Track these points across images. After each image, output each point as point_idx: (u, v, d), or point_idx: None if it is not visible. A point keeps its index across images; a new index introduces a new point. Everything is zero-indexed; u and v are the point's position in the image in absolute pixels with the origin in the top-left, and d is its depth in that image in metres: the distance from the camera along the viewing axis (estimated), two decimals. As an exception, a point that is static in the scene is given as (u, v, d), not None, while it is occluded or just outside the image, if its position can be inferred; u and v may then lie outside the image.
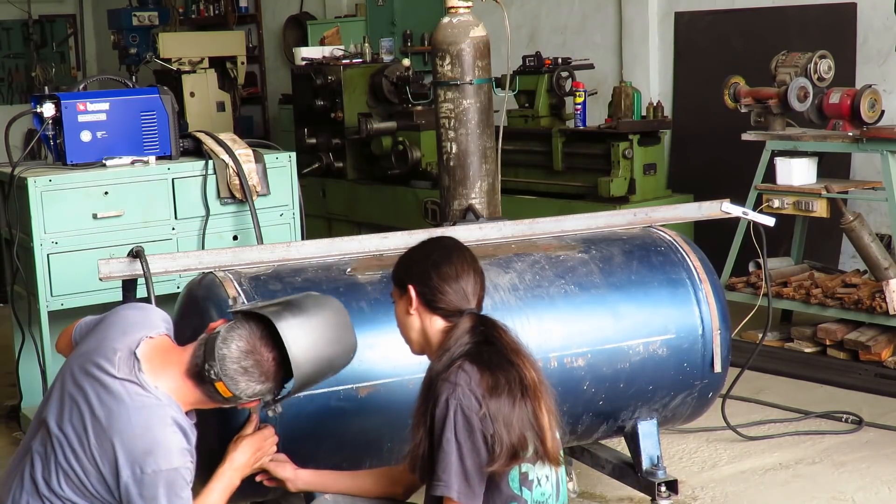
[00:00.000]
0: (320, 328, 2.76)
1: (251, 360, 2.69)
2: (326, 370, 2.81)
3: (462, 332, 2.73)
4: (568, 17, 8.90)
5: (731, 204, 4.32)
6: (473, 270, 2.83)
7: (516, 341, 2.78)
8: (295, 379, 2.72)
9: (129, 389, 2.66)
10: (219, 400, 2.74)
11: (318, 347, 2.73)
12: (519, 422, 2.62)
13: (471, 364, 2.64)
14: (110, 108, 4.69)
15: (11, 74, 14.84)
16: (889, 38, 6.81)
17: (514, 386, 2.65)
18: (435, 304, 2.79)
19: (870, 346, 5.79)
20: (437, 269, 2.79)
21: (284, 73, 11.16)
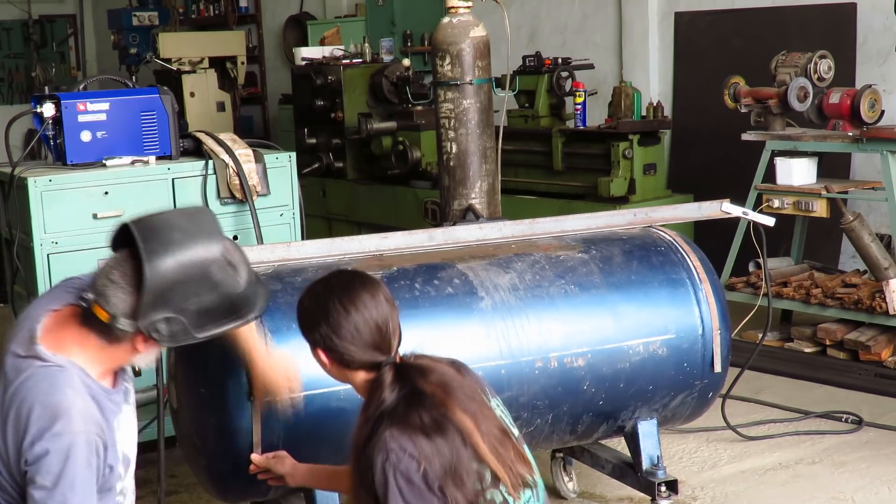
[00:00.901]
0: (175, 218, 2.60)
1: (117, 272, 2.53)
2: (196, 263, 2.54)
3: (381, 392, 2.54)
4: (568, 17, 8.90)
5: (731, 204, 4.32)
6: (378, 314, 2.61)
7: (443, 380, 2.57)
8: (153, 273, 2.48)
9: (27, 364, 2.54)
10: (105, 334, 2.55)
11: (174, 238, 2.52)
12: (464, 466, 2.46)
13: (396, 427, 2.46)
14: (110, 108, 4.69)
15: (11, 74, 14.84)
16: (889, 38, 6.81)
17: (449, 433, 2.47)
18: (348, 364, 2.64)
19: (870, 346, 5.80)
20: (336, 331, 2.61)
21: (284, 73, 11.16)
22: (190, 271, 2.52)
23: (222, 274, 2.58)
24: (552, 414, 3.68)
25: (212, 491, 3.59)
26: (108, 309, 2.51)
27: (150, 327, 2.52)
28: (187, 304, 2.54)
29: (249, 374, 3.15)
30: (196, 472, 3.68)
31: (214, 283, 2.56)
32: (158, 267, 2.49)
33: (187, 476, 4.49)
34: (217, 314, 2.59)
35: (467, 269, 3.69)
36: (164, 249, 2.50)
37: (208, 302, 2.57)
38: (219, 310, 2.59)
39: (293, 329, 3.26)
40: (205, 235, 2.58)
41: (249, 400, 3.23)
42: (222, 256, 2.58)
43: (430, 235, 3.96)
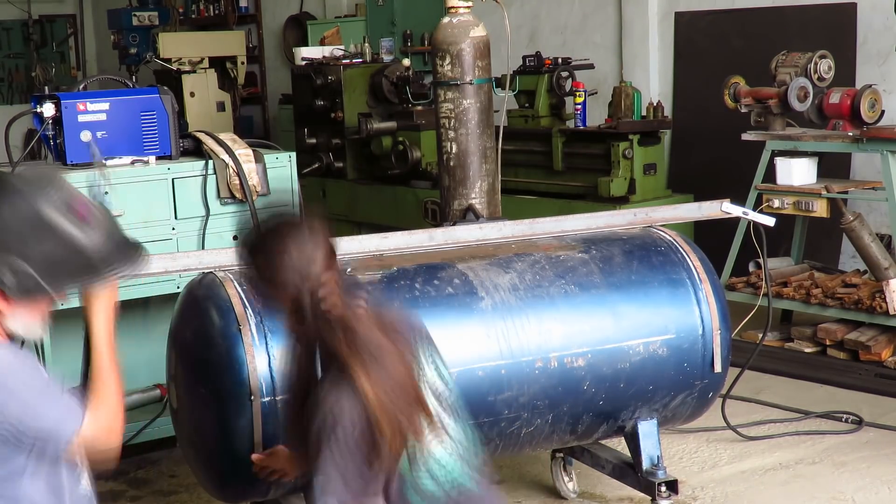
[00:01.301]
0: (24, 172, 2.64)
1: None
2: (31, 206, 2.48)
3: None
4: (568, 17, 8.90)
5: (731, 204, 4.32)
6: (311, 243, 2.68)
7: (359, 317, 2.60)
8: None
9: None
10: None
11: (12, 183, 2.49)
12: None
13: None
14: (110, 108, 4.69)
15: (11, 74, 14.84)
16: (889, 38, 6.81)
17: None
18: None
19: (870, 346, 5.79)
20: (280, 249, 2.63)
21: (284, 73, 11.15)
22: (21, 212, 2.47)
23: (63, 220, 2.51)
24: (552, 414, 3.68)
25: (212, 491, 3.59)
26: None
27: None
28: (28, 251, 2.47)
29: None
30: (196, 472, 3.67)
31: (52, 228, 2.49)
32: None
33: (187, 476, 4.49)
34: (69, 266, 2.52)
35: (467, 269, 3.69)
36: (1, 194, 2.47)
37: (55, 252, 2.50)
38: (70, 262, 2.52)
39: (293, 329, 3.27)
40: (43, 182, 2.53)
41: (249, 400, 3.23)
42: (59, 201, 2.51)
43: (430, 235, 3.96)
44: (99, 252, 2.55)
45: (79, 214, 2.54)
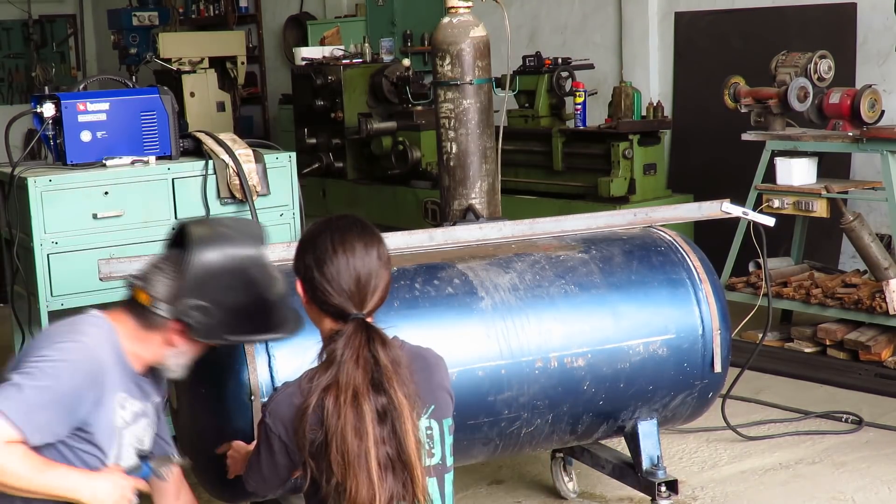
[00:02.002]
0: (228, 220, 2.86)
1: (165, 262, 2.70)
2: (238, 258, 2.67)
3: (336, 341, 2.49)
4: (568, 17, 8.90)
5: (731, 204, 4.32)
6: (363, 265, 2.53)
7: (397, 360, 2.51)
8: (197, 259, 2.62)
9: (67, 318, 2.69)
10: (144, 320, 2.65)
11: (222, 232, 2.70)
12: None
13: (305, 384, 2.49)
14: (110, 108, 4.68)
15: (11, 74, 14.85)
16: (889, 38, 6.81)
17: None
18: (320, 304, 2.56)
19: (870, 346, 5.79)
20: (318, 266, 2.53)
21: (284, 73, 11.16)
22: (231, 265, 2.67)
23: (260, 275, 2.72)
24: (552, 414, 3.68)
25: (212, 491, 3.59)
26: (150, 292, 2.64)
27: (186, 313, 2.62)
28: (223, 298, 2.65)
29: None
30: (196, 472, 3.67)
31: (251, 282, 2.69)
32: (203, 254, 2.64)
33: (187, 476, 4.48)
34: (250, 318, 2.70)
35: (467, 269, 3.69)
36: (210, 241, 2.67)
37: (243, 302, 2.69)
38: (252, 314, 2.71)
39: (293, 329, 3.27)
40: (251, 236, 2.76)
41: (249, 400, 3.23)
42: (263, 260, 2.73)
43: (430, 235, 3.96)
44: (274, 312, 2.77)
45: (271, 276, 2.77)
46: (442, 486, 2.63)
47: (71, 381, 2.51)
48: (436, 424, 2.62)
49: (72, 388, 2.51)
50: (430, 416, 2.61)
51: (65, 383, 2.49)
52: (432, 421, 2.61)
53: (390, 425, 2.44)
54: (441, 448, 2.63)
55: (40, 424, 2.47)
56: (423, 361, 2.66)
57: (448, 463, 2.65)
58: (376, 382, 2.45)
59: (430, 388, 2.62)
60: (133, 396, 2.70)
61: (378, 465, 2.41)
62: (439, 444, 2.62)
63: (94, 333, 2.61)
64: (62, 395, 2.49)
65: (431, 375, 2.66)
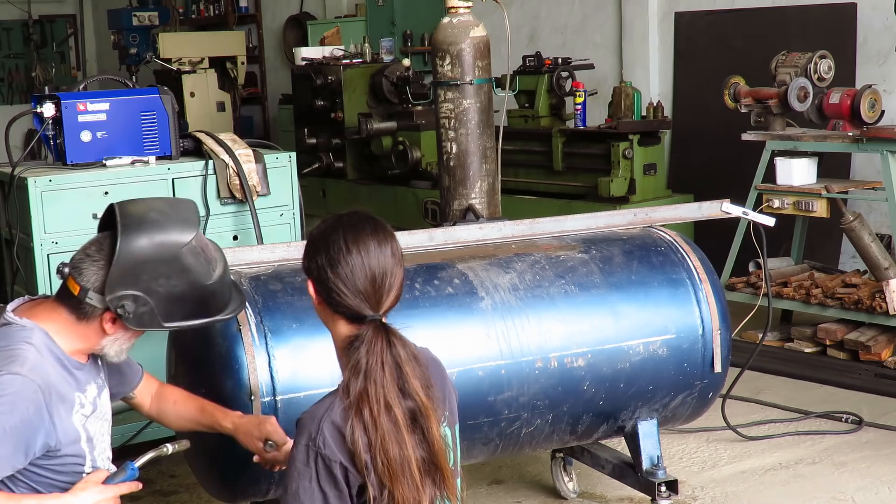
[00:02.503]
0: (157, 203, 2.67)
1: (94, 247, 2.58)
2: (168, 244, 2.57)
3: (358, 348, 2.39)
4: (568, 17, 8.91)
5: (731, 204, 4.32)
6: (378, 264, 2.44)
7: (416, 357, 2.45)
8: (125, 248, 2.51)
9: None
10: (76, 310, 2.56)
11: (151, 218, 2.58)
12: None
13: (341, 411, 2.37)
14: (110, 108, 4.68)
15: (11, 74, 14.85)
16: (889, 38, 6.81)
17: None
18: (334, 305, 2.45)
19: (870, 346, 5.79)
20: (332, 265, 2.42)
21: (284, 73, 11.16)
22: (161, 251, 2.55)
23: (193, 261, 2.60)
24: (552, 414, 3.68)
25: (211, 490, 3.59)
26: (80, 282, 2.55)
27: (117, 303, 2.53)
28: (156, 286, 2.55)
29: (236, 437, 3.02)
30: (196, 472, 3.68)
31: (184, 268, 2.58)
32: (131, 242, 2.53)
33: (187, 476, 4.49)
34: (186, 304, 2.60)
35: (467, 269, 3.69)
36: (139, 227, 2.55)
37: (178, 288, 2.58)
38: (188, 299, 2.60)
39: (293, 329, 3.28)
40: (181, 221, 2.62)
41: (250, 400, 3.23)
42: (195, 244, 2.60)
43: (430, 235, 3.96)
44: (215, 295, 2.66)
45: (207, 256, 2.64)
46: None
47: (14, 415, 2.43)
48: (449, 431, 2.58)
49: (18, 421, 2.43)
50: (447, 423, 2.56)
51: (8, 419, 2.42)
52: (447, 428, 2.56)
53: (420, 428, 2.38)
54: (454, 454, 2.58)
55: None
56: (437, 367, 2.61)
57: (458, 467, 2.61)
58: (402, 387, 2.39)
59: (444, 393, 2.58)
60: (85, 389, 2.65)
61: (419, 470, 2.36)
62: (451, 451, 2.58)
63: (28, 355, 2.50)
64: (10, 430, 2.42)
65: (445, 381, 2.61)
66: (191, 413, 3.04)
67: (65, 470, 2.59)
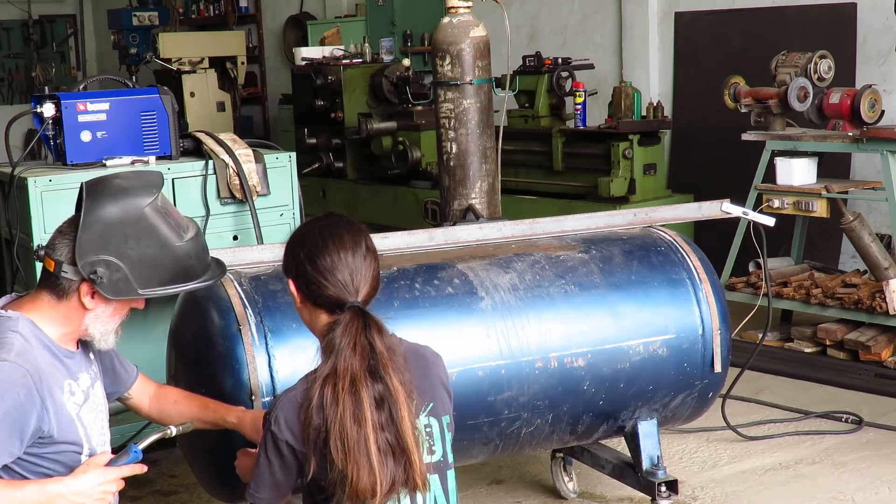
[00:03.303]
0: (123, 173, 2.71)
1: (66, 224, 2.62)
2: (133, 205, 2.60)
3: (335, 331, 2.49)
4: (568, 17, 8.91)
5: (731, 204, 4.32)
6: (355, 255, 2.57)
7: (393, 346, 2.54)
8: (90, 212, 2.55)
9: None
10: (55, 290, 2.58)
11: (115, 183, 2.62)
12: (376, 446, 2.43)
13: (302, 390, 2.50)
14: (110, 108, 4.68)
15: (11, 74, 14.85)
16: (889, 38, 6.81)
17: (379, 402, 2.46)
18: (315, 299, 2.58)
19: (870, 346, 5.79)
20: (311, 260, 2.56)
21: (284, 73, 11.16)
22: (126, 212, 2.57)
23: (160, 221, 2.61)
24: (552, 414, 3.68)
25: (212, 491, 3.59)
26: (53, 256, 2.57)
27: (89, 269, 2.54)
28: (126, 249, 2.56)
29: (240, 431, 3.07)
30: (196, 472, 3.67)
31: (151, 228, 2.59)
32: (96, 207, 2.56)
33: (187, 476, 4.49)
34: (160, 269, 2.61)
35: (467, 269, 3.69)
36: (103, 192, 2.59)
37: (149, 250, 2.59)
38: (161, 264, 2.61)
39: (293, 329, 3.28)
40: (145, 184, 2.65)
41: (250, 400, 3.23)
42: (160, 203, 2.62)
43: (430, 235, 3.96)
44: (189, 260, 2.66)
45: (175, 220, 2.65)
46: (445, 483, 2.64)
47: (5, 401, 2.43)
48: (435, 422, 2.63)
49: (10, 406, 2.44)
50: (430, 413, 2.61)
51: (1, 406, 2.43)
52: (431, 418, 2.62)
53: (387, 411, 2.45)
54: (442, 445, 2.63)
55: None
56: (421, 359, 2.67)
57: (449, 459, 2.65)
58: (373, 369, 2.47)
59: (428, 384, 2.63)
60: (77, 377, 2.65)
61: (378, 451, 2.42)
62: (440, 441, 2.63)
63: (14, 342, 2.51)
64: (2, 416, 2.43)
65: (429, 372, 2.67)
66: (193, 411, 3.04)
67: (61, 459, 2.59)
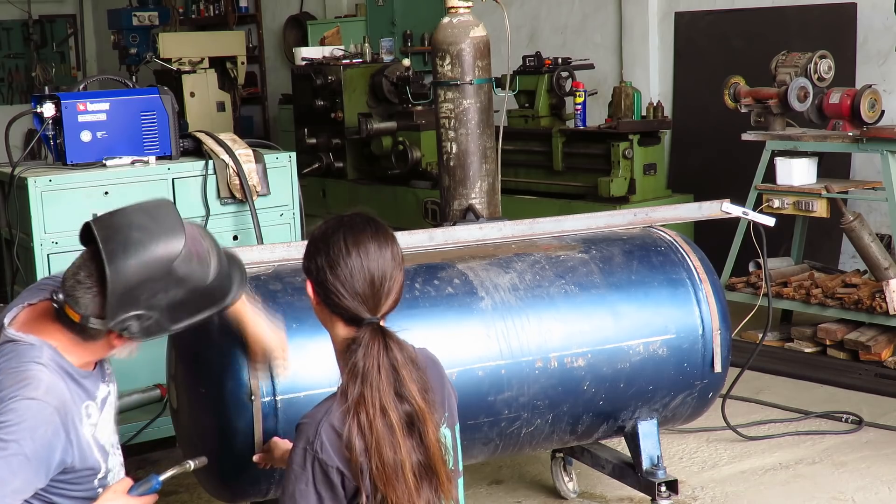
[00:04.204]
0: (135, 215, 2.57)
1: (83, 272, 2.51)
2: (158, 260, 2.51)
3: (355, 352, 2.39)
4: (568, 17, 8.91)
5: (731, 204, 4.32)
6: (378, 266, 2.44)
7: (413, 360, 2.45)
8: (115, 276, 2.45)
9: (2, 347, 2.55)
10: (80, 332, 2.54)
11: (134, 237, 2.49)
12: None
13: (338, 415, 2.38)
14: (110, 108, 4.68)
15: (11, 74, 14.85)
16: (889, 38, 6.81)
17: None
18: (332, 307, 2.46)
19: (870, 346, 5.79)
20: (331, 267, 2.42)
21: (284, 73, 11.16)
22: (153, 270, 2.49)
23: (187, 268, 2.54)
24: (552, 414, 3.68)
25: (212, 491, 3.59)
26: (77, 310, 2.50)
27: (121, 326, 2.50)
28: (156, 301, 2.51)
29: (245, 340, 3.07)
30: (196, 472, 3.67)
31: (180, 279, 2.53)
32: (119, 269, 2.46)
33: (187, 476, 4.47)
34: (190, 306, 2.58)
35: (467, 269, 3.69)
36: (124, 251, 2.47)
37: (178, 296, 2.54)
38: (191, 302, 2.57)
39: (293, 329, 3.27)
40: (165, 232, 2.53)
41: (250, 400, 3.23)
42: (185, 251, 2.53)
43: (430, 235, 3.96)
44: (215, 285, 2.62)
45: (200, 257, 2.58)
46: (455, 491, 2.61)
47: (35, 440, 2.42)
48: (449, 432, 2.58)
49: (39, 445, 2.43)
50: (446, 424, 2.56)
51: (29, 445, 2.41)
52: (446, 429, 2.57)
53: (417, 433, 2.39)
54: (454, 454, 2.59)
55: (17, 489, 2.41)
56: (435, 366, 2.61)
57: (460, 468, 2.62)
58: (398, 391, 2.39)
59: (444, 394, 2.58)
60: (94, 395, 2.65)
61: (414, 476, 2.36)
62: (451, 451, 2.58)
63: (42, 378, 2.48)
64: (31, 456, 2.41)
65: (443, 380, 2.61)
66: None
67: (80, 481, 2.59)
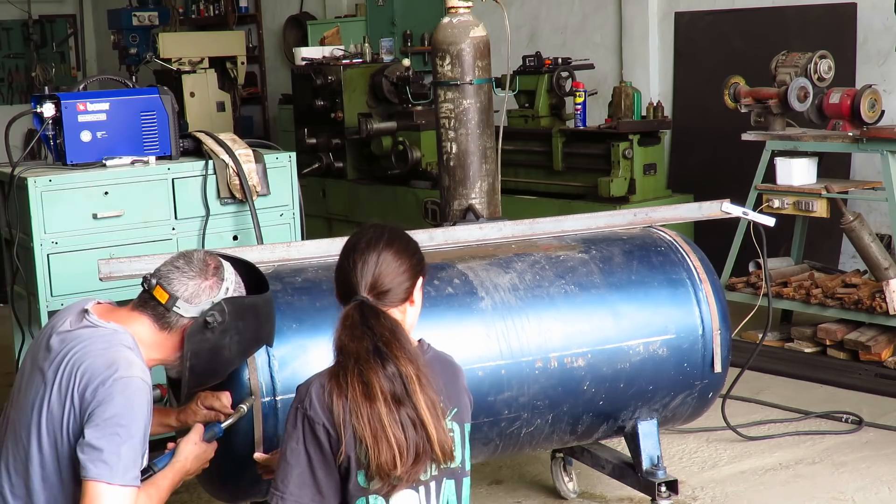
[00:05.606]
0: None
1: (182, 260, 2.77)
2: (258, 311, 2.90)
3: (338, 327, 2.57)
4: (568, 17, 8.91)
5: (731, 204, 4.32)
6: (390, 267, 2.61)
7: (393, 329, 2.56)
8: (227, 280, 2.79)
9: (78, 333, 2.69)
10: (158, 317, 2.73)
11: None
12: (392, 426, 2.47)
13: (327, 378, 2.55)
14: (110, 108, 4.68)
15: (11, 74, 14.84)
16: (889, 38, 6.81)
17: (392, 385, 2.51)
18: (337, 288, 2.69)
19: (870, 346, 5.80)
20: (347, 252, 2.65)
21: (284, 73, 11.16)
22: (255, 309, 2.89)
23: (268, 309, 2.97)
24: (552, 414, 3.68)
25: (212, 491, 3.59)
26: (169, 290, 2.71)
27: (207, 312, 2.73)
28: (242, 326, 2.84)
29: None
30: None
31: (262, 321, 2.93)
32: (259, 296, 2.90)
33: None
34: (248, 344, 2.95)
35: (467, 269, 3.69)
36: None
37: (251, 334, 2.91)
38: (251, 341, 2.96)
39: (293, 329, 3.28)
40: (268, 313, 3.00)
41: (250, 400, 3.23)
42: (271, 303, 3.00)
43: (430, 235, 3.96)
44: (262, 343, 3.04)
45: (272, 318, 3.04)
46: (459, 490, 2.67)
47: (143, 421, 2.63)
48: (457, 427, 2.65)
49: (144, 425, 2.64)
50: (453, 418, 2.64)
51: (139, 428, 2.62)
52: (454, 423, 2.64)
53: (401, 388, 2.48)
54: (461, 451, 2.66)
55: (138, 466, 2.64)
56: (449, 365, 2.73)
57: (467, 467, 2.69)
58: (380, 352, 2.50)
59: (455, 389, 2.68)
60: None
61: (395, 422, 2.45)
62: (460, 447, 2.65)
63: (134, 359, 2.66)
64: (141, 436, 2.63)
65: (456, 378, 2.72)
66: None
67: None
